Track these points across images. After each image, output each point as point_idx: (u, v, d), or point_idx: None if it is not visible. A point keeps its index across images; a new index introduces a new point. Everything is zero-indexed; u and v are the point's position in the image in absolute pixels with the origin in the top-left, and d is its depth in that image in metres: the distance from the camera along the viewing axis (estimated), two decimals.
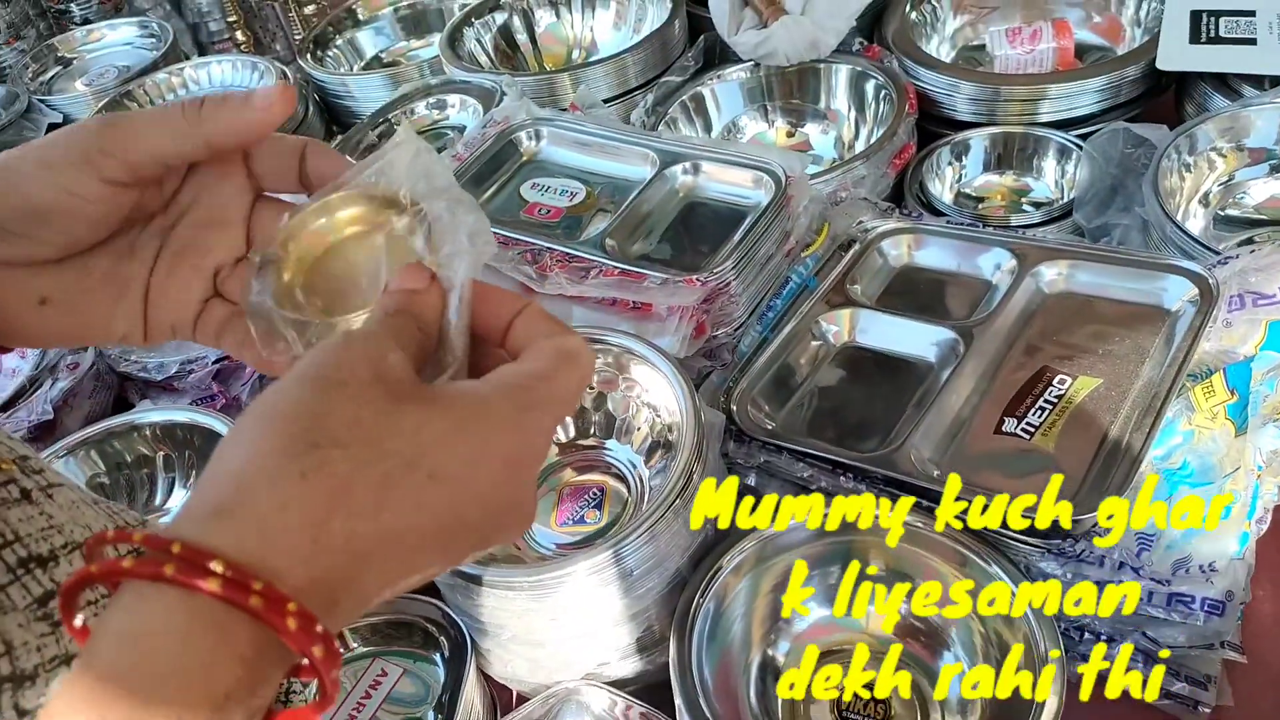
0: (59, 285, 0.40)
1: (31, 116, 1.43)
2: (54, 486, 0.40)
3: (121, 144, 0.38)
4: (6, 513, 0.37)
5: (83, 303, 0.41)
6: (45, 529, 0.38)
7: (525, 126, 1.01)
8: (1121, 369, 0.76)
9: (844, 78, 1.11)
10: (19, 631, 0.34)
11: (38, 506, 0.38)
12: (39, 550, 0.37)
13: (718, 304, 0.82)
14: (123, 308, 0.42)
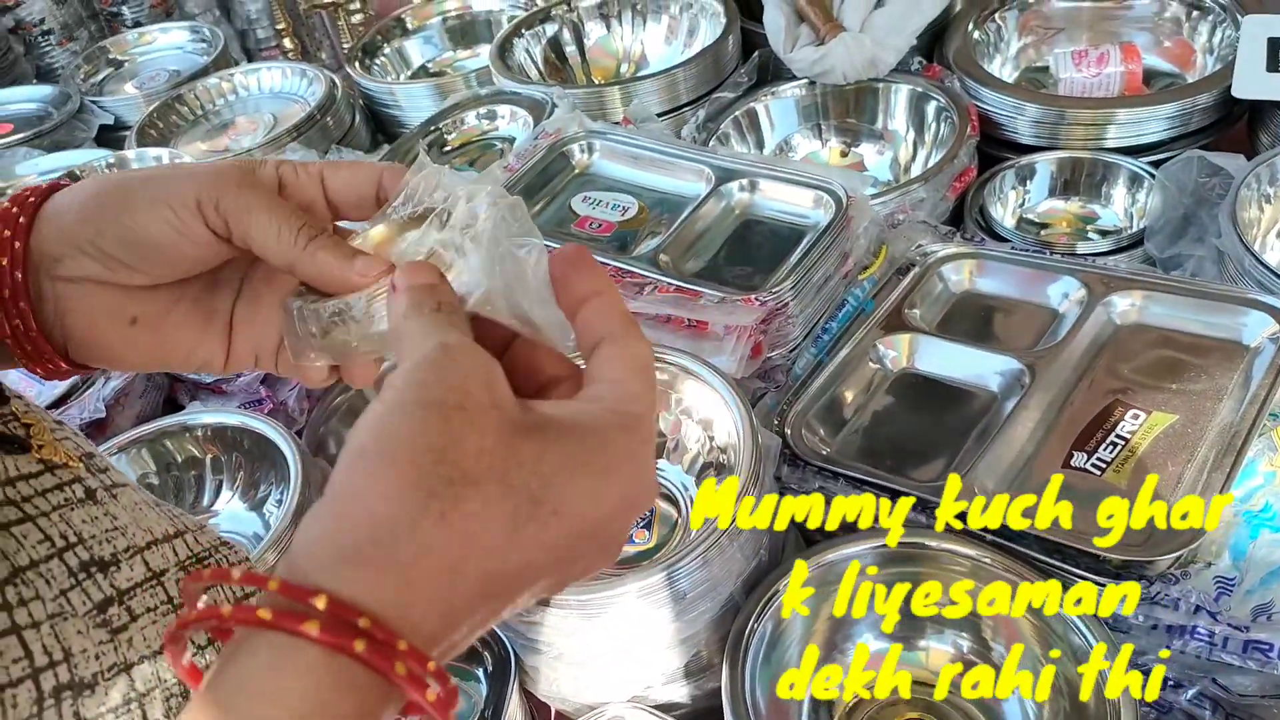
0: (150, 308, 0.41)
1: (83, 117, 1.44)
2: (118, 487, 0.40)
3: (235, 212, 0.38)
4: (70, 514, 0.36)
5: (169, 326, 0.41)
6: (109, 531, 0.37)
7: (578, 139, 1.00)
8: (1198, 406, 0.73)
9: (904, 97, 1.09)
10: (78, 639, 0.33)
11: (102, 507, 0.38)
12: (101, 554, 0.36)
13: (774, 324, 0.80)
14: (207, 336, 0.42)
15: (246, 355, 0.43)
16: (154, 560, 0.38)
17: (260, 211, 0.39)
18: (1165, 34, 1.14)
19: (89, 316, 0.40)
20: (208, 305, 0.42)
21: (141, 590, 0.37)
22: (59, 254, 0.39)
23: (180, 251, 0.39)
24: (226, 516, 0.85)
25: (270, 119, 1.37)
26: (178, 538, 0.41)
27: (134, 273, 0.39)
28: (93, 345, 0.40)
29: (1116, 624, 0.63)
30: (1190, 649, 0.62)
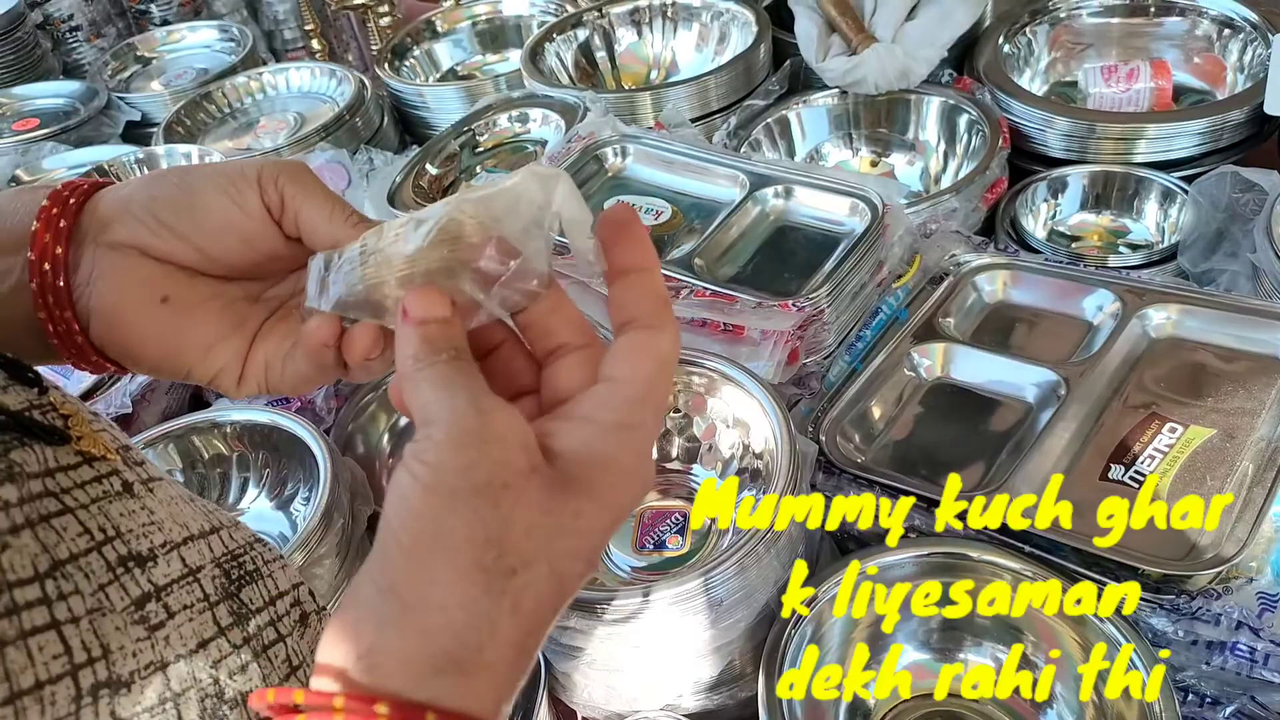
0: (184, 290, 0.40)
1: (110, 113, 1.45)
2: (154, 480, 0.39)
3: (292, 191, 0.39)
4: (109, 507, 0.35)
5: (198, 315, 0.41)
6: (146, 525, 0.37)
7: (611, 143, 1.00)
8: (1236, 421, 0.72)
9: (935, 109, 1.09)
10: (116, 635, 0.32)
11: (139, 500, 0.37)
12: (139, 548, 0.36)
13: (810, 331, 0.80)
14: (230, 342, 0.41)
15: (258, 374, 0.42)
16: (190, 556, 0.38)
17: (316, 194, 0.39)
18: (1196, 51, 1.14)
19: (121, 285, 0.39)
20: (241, 313, 0.42)
21: (178, 586, 0.36)
22: (111, 218, 0.39)
23: (231, 223, 0.39)
24: (252, 515, 0.85)
25: (298, 118, 1.38)
26: (213, 534, 0.40)
27: (180, 242, 0.39)
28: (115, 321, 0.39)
29: (1156, 639, 0.63)
30: (1230, 665, 0.62)
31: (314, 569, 0.72)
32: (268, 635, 0.40)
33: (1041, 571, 0.64)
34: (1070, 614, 0.64)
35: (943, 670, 0.67)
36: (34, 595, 0.30)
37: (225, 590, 0.39)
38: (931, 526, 0.70)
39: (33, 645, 0.29)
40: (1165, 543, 0.65)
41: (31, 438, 0.33)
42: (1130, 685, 0.61)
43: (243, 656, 0.38)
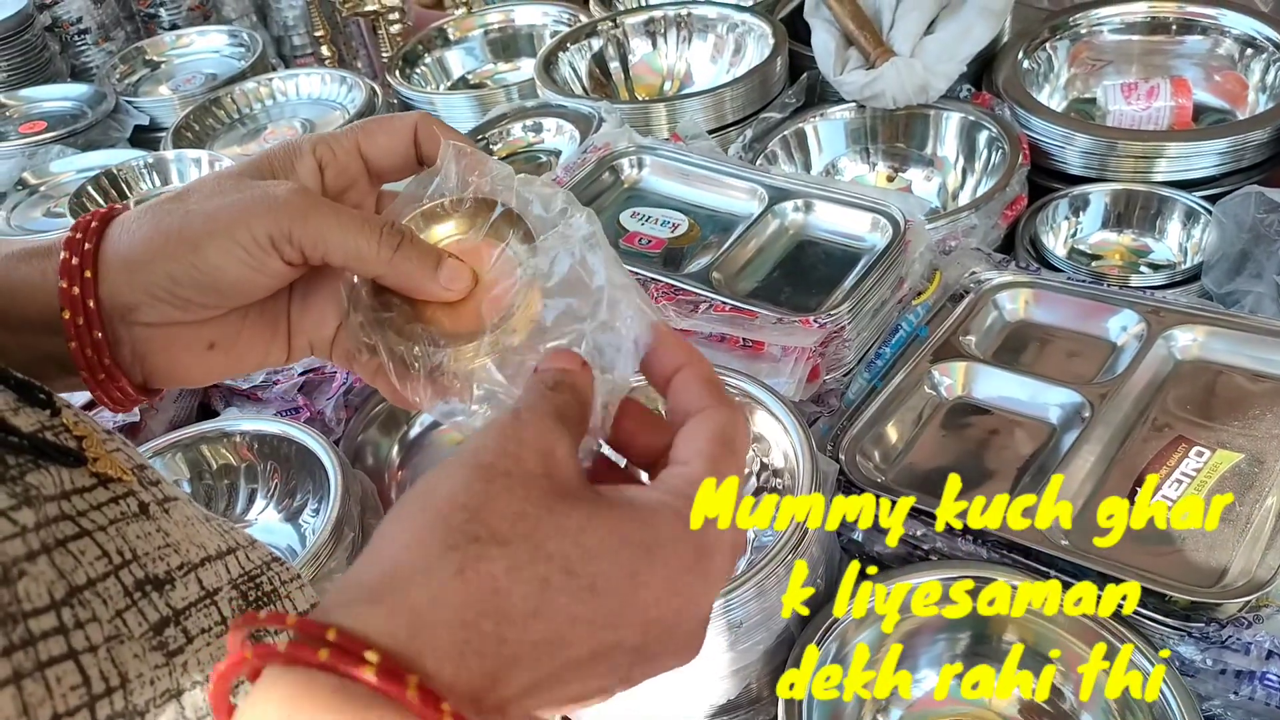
0: (224, 332, 0.41)
1: (118, 117, 1.44)
2: (170, 501, 0.38)
3: (310, 240, 0.38)
4: (125, 529, 0.34)
5: (243, 342, 0.42)
6: (162, 547, 0.36)
7: (627, 154, 0.99)
8: (1265, 446, 0.71)
9: (954, 124, 1.08)
10: (134, 663, 0.31)
11: (155, 522, 0.36)
12: (155, 571, 0.34)
13: (831, 347, 0.79)
14: (275, 343, 0.43)
15: (303, 349, 0.43)
16: (208, 578, 0.37)
17: (335, 232, 0.38)
18: (1217, 69, 1.13)
19: (169, 352, 0.40)
20: (271, 313, 0.42)
21: (196, 610, 0.35)
22: (134, 302, 0.38)
23: (256, 284, 0.39)
24: (260, 527, 0.84)
25: (307, 125, 1.37)
26: (229, 554, 0.39)
27: (207, 308, 0.39)
28: (172, 375, 0.41)
29: (1184, 668, 0.62)
30: (1259, 695, 0.61)
31: (323, 583, 0.71)
32: None
33: None
34: (1070, 614, 0.63)
35: (966, 694, 0.65)
36: (50, 624, 0.29)
37: (243, 612, 0.38)
38: (953, 549, 0.69)
39: (50, 676, 0.28)
40: (1195, 570, 0.64)
41: (46, 460, 0.32)
42: (1130, 685, 0.60)
43: None
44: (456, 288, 0.38)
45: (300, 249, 0.38)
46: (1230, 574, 0.63)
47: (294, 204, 0.38)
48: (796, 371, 0.75)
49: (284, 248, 0.38)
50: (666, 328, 0.35)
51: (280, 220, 0.38)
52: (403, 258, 0.38)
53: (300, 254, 0.38)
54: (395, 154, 0.41)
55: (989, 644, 0.65)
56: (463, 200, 0.39)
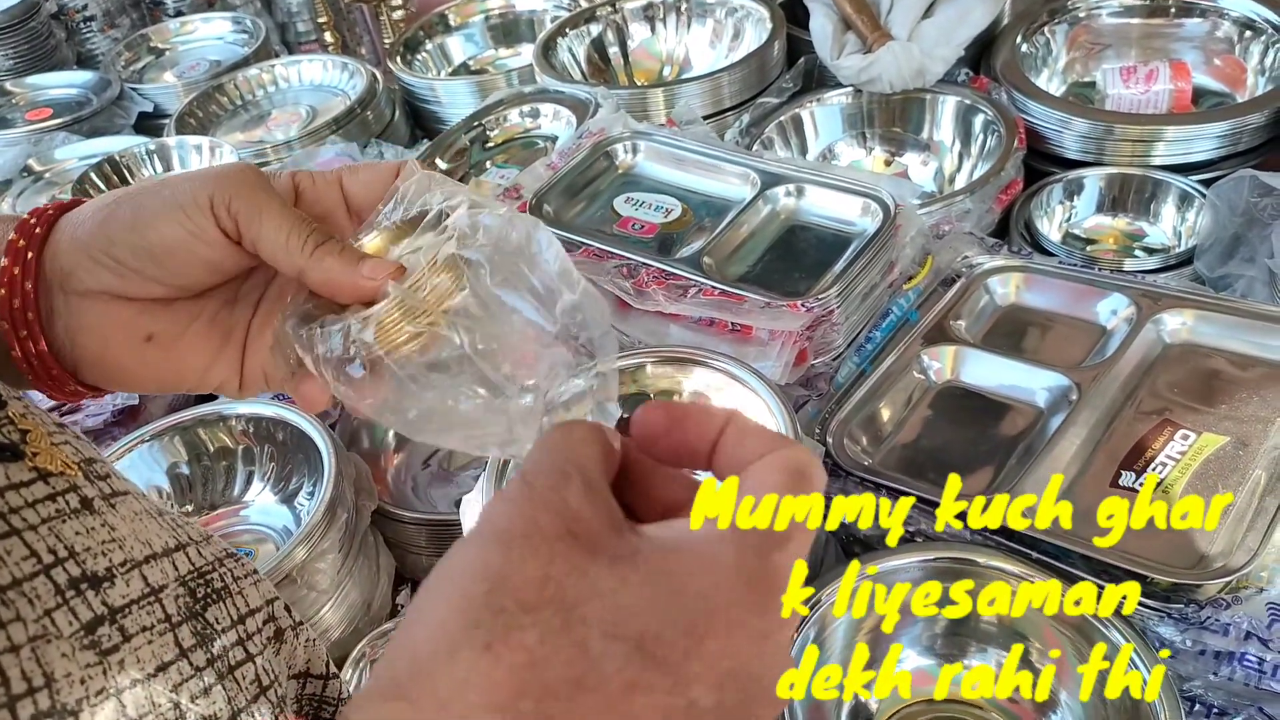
0: (166, 324, 0.40)
1: (122, 104, 1.45)
2: (118, 495, 0.38)
3: (246, 215, 0.38)
4: (61, 526, 0.33)
5: (185, 345, 0.40)
6: (105, 543, 0.35)
7: (622, 139, 1.00)
8: (1250, 429, 0.71)
9: (950, 108, 1.08)
10: (62, 662, 0.31)
11: (99, 517, 0.36)
12: (95, 568, 0.34)
13: (819, 331, 0.79)
14: (223, 356, 0.41)
15: (258, 376, 0.42)
16: (153, 575, 0.36)
17: (270, 216, 0.38)
18: (1216, 53, 1.13)
19: (103, 334, 0.39)
20: (225, 324, 0.41)
21: (138, 607, 0.35)
22: (71, 266, 0.38)
23: (193, 254, 0.38)
24: (257, 509, 0.85)
25: (310, 111, 1.38)
26: (179, 551, 0.39)
27: (147, 281, 0.38)
28: (106, 365, 0.40)
29: (1162, 648, 0.62)
30: (1238, 676, 0.61)
31: (316, 563, 0.72)
32: (235, 655, 0.38)
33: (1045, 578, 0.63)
34: (1070, 614, 0.63)
35: (946, 675, 0.66)
36: None
37: (190, 610, 0.37)
38: (937, 531, 0.70)
39: None
40: (1174, 551, 0.64)
41: None
42: (1130, 685, 0.60)
43: (206, 679, 0.36)
44: (380, 275, 0.37)
45: (235, 220, 0.38)
46: (1211, 555, 0.64)
47: (243, 177, 0.39)
48: (783, 355, 0.76)
49: (220, 213, 0.38)
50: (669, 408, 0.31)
51: (223, 186, 0.38)
52: (326, 253, 0.38)
53: (235, 225, 0.38)
54: (375, 191, 0.40)
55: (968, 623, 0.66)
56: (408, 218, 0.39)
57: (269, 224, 0.38)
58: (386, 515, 0.81)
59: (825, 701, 0.65)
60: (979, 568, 0.65)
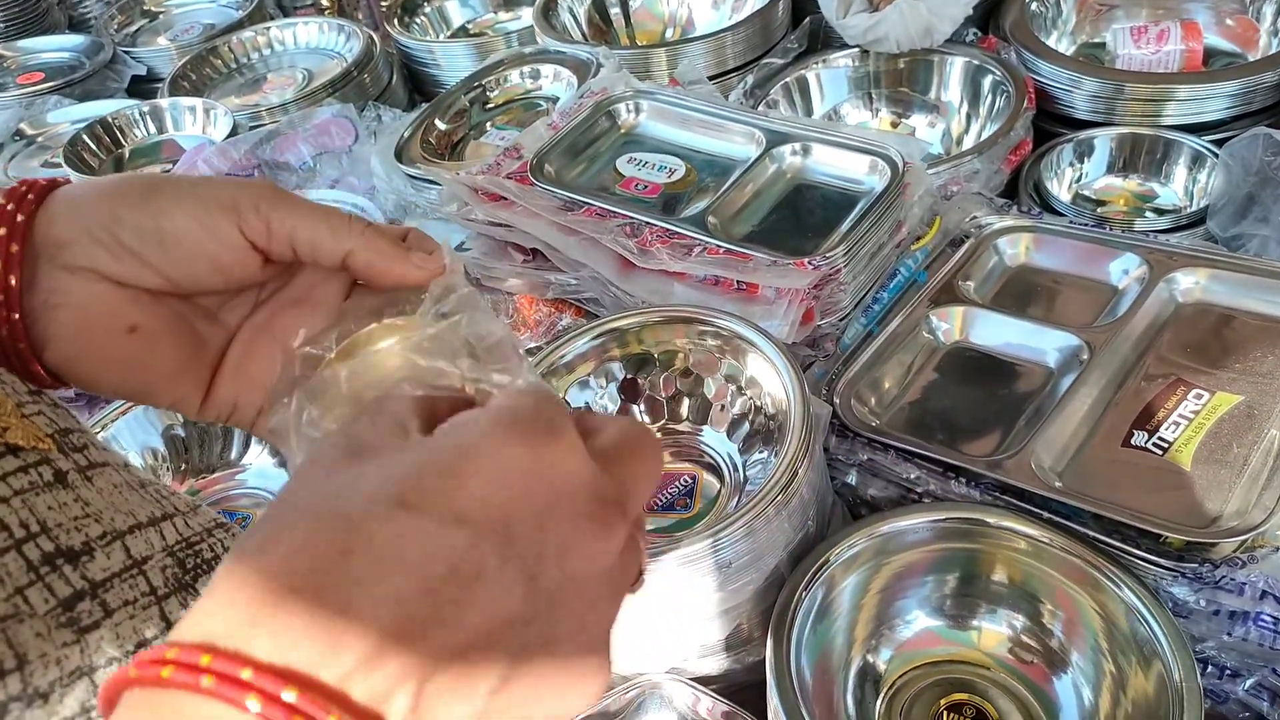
0: (152, 319, 0.38)
1: (115, 67, 1.43)
2: (95, 467, 0.36)
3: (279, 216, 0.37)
4: (34, 500, 0.32)
5: (163, 344, 0.38)
6: (80, 518, 0.33)
7: (625, 99, 0.98)
8: (1264, 387, 0.70)
9: (959, 69, 1.06)
10: (37, 642, 0.30)
11: (73, 491, 0.34)
12: (70, 543, 0.32)
13: (826, 291, 0.78)
14: (195, 369, 0.39)
15: (225, 403, 0.40)
16: (136, 546, 0.35)
17: (306, 208, 0.38)
18: (1228, 13, 1.11)
19: (86, 314, 0.36)
20: (203, 334, 0.40)
21: (120, 581, 0.33)
22: (67, 239, 0.36)
23: (202, 249, 0.37)
24: (254, 472, 0.84)
25: (305, 75, 1.35)
26: (165, 521, 0.37)
27: (144, 268, 0.36)
28: (80, 348, 0.37)
29: (1176, 609, 0.61)
30: (1252, 636, 0.60)
31: None
32: None
33: (1059, 538, 0.62)
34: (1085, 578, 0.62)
35: (955, 635, 0.65)
36: None
37: (179, 581, 0.36)
38: (947, 492, 0.69)
39: None
40: (1189, 510, 0.63)
41: None
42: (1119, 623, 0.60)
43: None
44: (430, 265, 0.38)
45: (267, 221, 0.37)
46: (1226, 514, 0.63)
47: (267, 188, 0.38)
48: (790, 314, 0.74)
49: (247, 215, 0.37)
50: None
51: (251, 190, 0.37)
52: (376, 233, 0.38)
53: (265, 227, 0.37)
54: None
55: (978, 583, 0.65)
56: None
57: (306, 214, 0.37)
58: None
59: (833, 663, 0.64)
60: (989, 528, 0.64)
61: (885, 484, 0.72)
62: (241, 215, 0.36)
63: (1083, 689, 0.62)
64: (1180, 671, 0.57)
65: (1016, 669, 0.64)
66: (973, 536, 0.64)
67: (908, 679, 0.64)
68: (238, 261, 0.37)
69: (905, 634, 0.66)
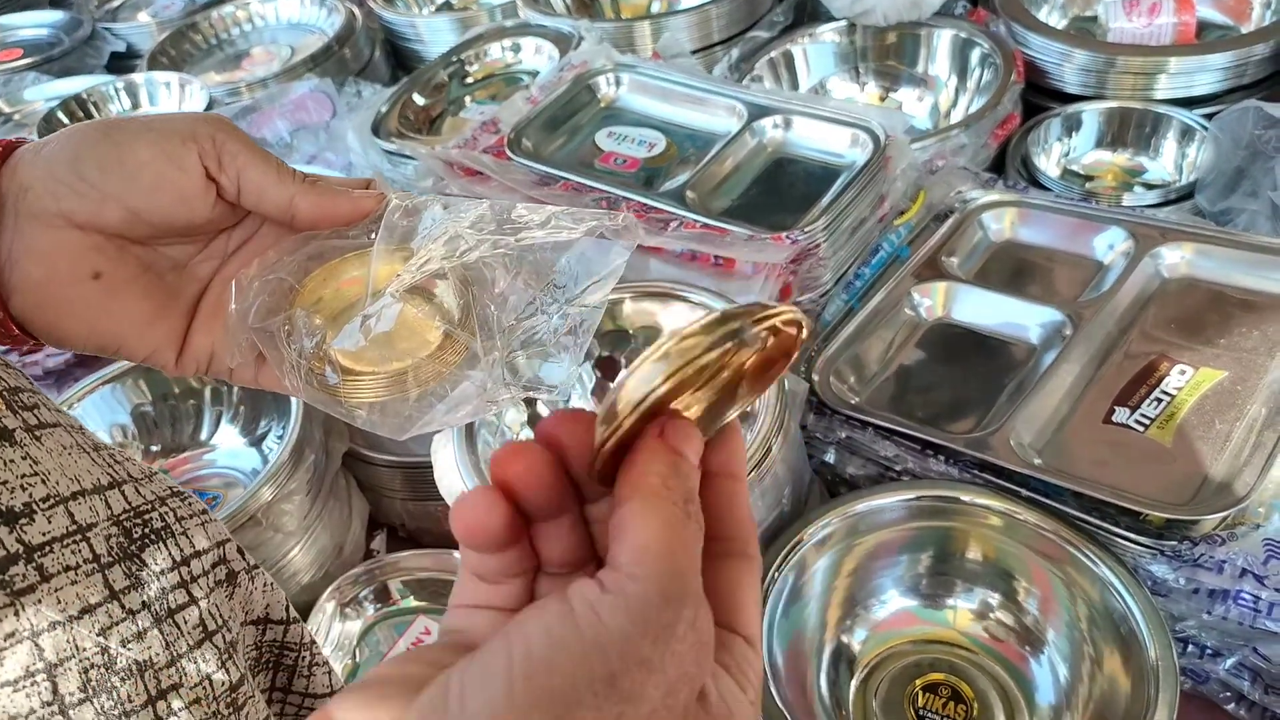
0: (116, 265, 0.39)
1: (94, 44, 1.41)
2: (45, 428, 0.35)
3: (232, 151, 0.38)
4: None
5: (131, 293, 0.39)
6: (25, 477, 0.33)
7: (605, 71, 0.96)
8: (1249, 362, 0.69)
9: (946, 42, 1.04)
10: None
11: (20, 449, 0.33)
12: (12, 503, 0.32)
13: (805, 266, 0.76)
14: (163, 319, 0.40)
15: (202, 354, 0.41)
16: (80, 512, 0.34)
17: (256, 153, 0.38)
18: None
19: (50, 261, 0.37)
20: (173, 285, 0.40)
21: (61, 546, 0.33)
22: (31, 181, 0.36)
23: (165, 178, 0.37)
24: (224, 452, 0.82)
25: (287, 50, 1.33)
26: (114, 488, 0.36)
27: (108, 203, 0.37)
28: (46, 296, 0.37)
29: (1156, 587, 0.60)
30: (1233, 615, 0.59)
31: (283, 504, 0.70)
32: (176, 598, 0.36)
33: (1035, 516, 0.61)
34: (1061, 555, 0.61)
35: (930, 615, 0.64)
36: None
37: (123, 550, 0.35)
38: (925, 470, 0.67)
39: None
40: (1168, 486, 0.62)
41: None
42: (1095, 602, 0.59)
43: (140, 622, 0.34)
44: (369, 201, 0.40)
45: (220, 154, 0.38)
46: (1205, 491, 0.62)
47: (222, 120, 0.39)
48: (766, 289, 0.73)
49: (205, 145, 0.37)
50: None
51: (207, 122, 0.38)
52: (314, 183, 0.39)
53: (218, 160, 0.38)
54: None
55: (953, 562, 0.64)
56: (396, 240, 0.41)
57: (256, 158, 0.38)
58: (359, 458, 0.79)
59: (806, 646, 0.63)
60: (963, 505, 0.63)
61: (864, 462, 0.71)
62: (200, 143, 0.37)
63: (1059, 667, 0.61)
64: (1156, 649, 0.56)
65: (993, 648, 0.63)
66: (947, 514, 0.63)
67: (882, 659, 0.63)
68: (195, 191, 0.38)
69: (880, 614, 0.65)
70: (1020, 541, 0.63)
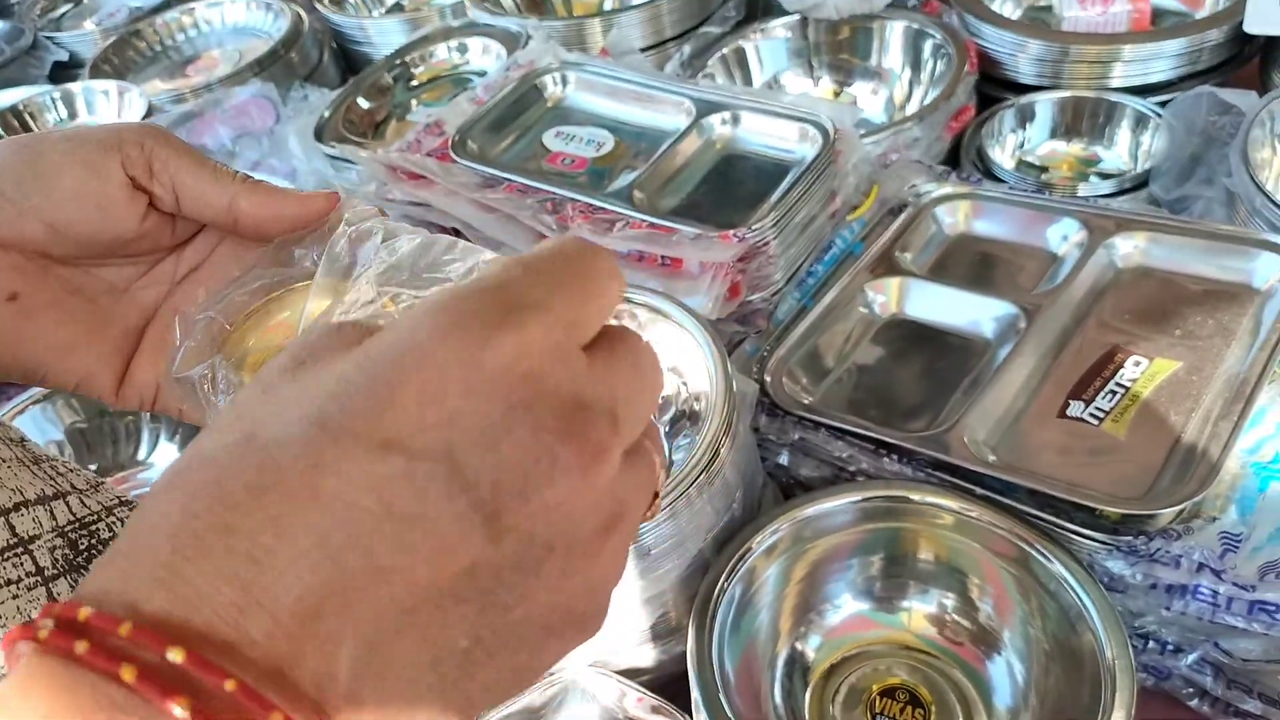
0: (35, 287, 0.36)
1: (36, 54, 1.38)
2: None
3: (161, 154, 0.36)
4: None
5: (51, 318, 0.37)
6: None
7: (551, 71, 0.94)
8: (1204, 352, 0.68)
9: (899, 34, 1.03)
10: None
11: None
12: None
13: (754, 264, 0.75)
14: (96, 346, 0.38)
15: (146, 389, 0.39)
16: (22, 525, 0.33)
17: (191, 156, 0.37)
18: None
19: None
20: (107, 310, 0.38)
21: (2, 560, 0.32)
22: None
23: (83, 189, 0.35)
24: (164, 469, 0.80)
25: (235, 55, 1.30)
26: (58, 499, 0.35)
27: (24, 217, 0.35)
28: None
29: (1112, 584, 0.59)
30: (1191, 610, 0.58)
31: None
32: None
33: (987, 514, 0.60)
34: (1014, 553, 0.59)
35: (885, 618, 0.63)
36: None
37: (69, 563, 0.34)
38: (879, 470, 0.66)
39: None
40: (1123, 482, 0.61)
41: None
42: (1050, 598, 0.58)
43: None
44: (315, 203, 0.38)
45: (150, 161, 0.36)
46: (1161, 484, 0.60)
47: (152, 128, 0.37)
48: (714, 289, 0.71)
49: (131, 151, 0.35)
50: None
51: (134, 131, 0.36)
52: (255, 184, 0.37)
53: (148, 168, 0.36)
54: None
55: (906, 563, 0.62)
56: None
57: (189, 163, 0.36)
58: None
59: (758, 654, 0.61)
60: (914, 505, 0.61)
61: (818, 464, 0.69)
62: (124, 151, 0.36)
63: (1015, 667, 0.59)
64: (1113, 647, 0.55)
65: (949, 650, 0.61)
66: (897, 515, 0.61)
67: (838, 666, 0.62)
68: (118, 201, 0.36)
69: (834, 619, 0.63)
70: (973, 540, 0.61)
